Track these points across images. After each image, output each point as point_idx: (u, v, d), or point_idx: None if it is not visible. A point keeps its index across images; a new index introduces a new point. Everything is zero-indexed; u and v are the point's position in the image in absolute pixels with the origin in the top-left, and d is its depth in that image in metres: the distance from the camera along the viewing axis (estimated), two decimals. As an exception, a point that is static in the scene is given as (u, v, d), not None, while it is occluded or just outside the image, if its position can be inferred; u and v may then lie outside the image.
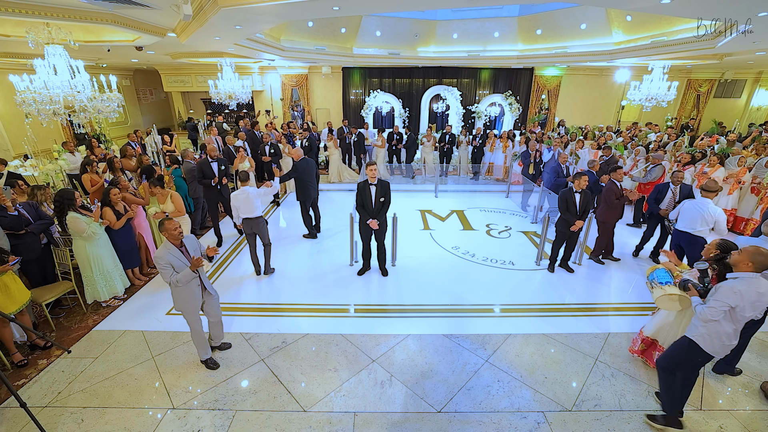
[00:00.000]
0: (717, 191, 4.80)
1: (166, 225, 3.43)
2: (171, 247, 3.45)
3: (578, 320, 4.70)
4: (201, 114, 15.88)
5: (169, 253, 3.42)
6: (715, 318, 2.73)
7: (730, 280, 2.73)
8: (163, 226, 3.43)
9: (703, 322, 2.81)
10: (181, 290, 3.52)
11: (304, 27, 10.80)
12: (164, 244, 3.47)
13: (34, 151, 8.82)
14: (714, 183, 4.80)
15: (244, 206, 5.18)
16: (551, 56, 11.66)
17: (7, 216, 4.32)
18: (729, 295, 2.67)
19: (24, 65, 8.47)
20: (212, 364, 3.88)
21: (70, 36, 5.08)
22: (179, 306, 3.64)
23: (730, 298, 2.67)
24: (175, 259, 3.43)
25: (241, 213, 5.23)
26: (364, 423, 3.28)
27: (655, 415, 3.26)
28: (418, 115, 14.40)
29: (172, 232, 3.43)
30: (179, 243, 3.51)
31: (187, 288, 3.53)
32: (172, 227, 3.43)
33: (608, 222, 5.78)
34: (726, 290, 2.69)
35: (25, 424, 3.17)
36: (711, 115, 14.57)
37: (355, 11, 5.75)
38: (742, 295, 2.63)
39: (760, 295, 2.64)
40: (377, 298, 5.12)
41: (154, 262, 3.44)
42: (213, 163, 6.41)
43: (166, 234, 3.44)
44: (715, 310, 2.72)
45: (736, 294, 2.65)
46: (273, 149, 8.55)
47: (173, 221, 3.48)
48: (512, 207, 8.78)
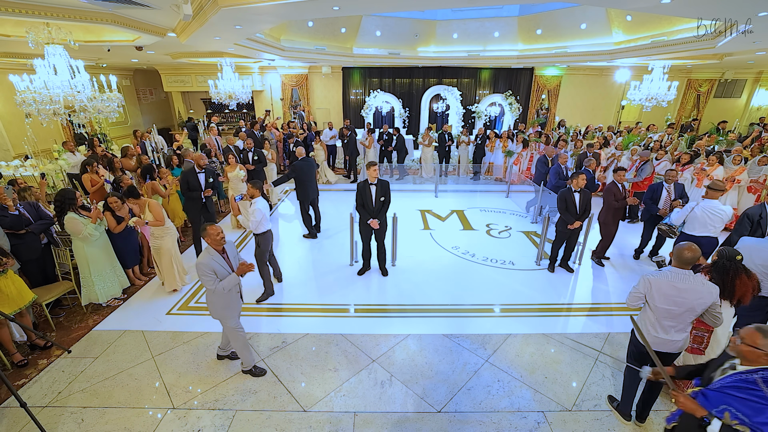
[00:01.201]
0: (723, 191, 4.80)
1: (208, 230, 3.28)
2: (214, 253, 3.31)
3: (578, 320, 4.70)
4: (201, 114, 15.87)
5: (212, 259, 3.27)
6: (633, 304, 2.93)
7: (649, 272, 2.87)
8: (205, 231, 3.28)
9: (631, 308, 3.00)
10: (222, 297, 3.38)
11: (304, 27, 10.79)
12: (207, 251, 3.31)
13: (34, 151, 8.81)
14: (720, 183, 4.81)
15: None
16: (551, 56, 11.66)
17: (8, 215, 4.33)
18: (641, 282, 2.85)
19: (24, 65, 8.47)
20: (260, 372, 3.77)
21: (70, 36, 5.08)
22: (219, 313, 3.49)
23: (640, 284, 2.85)
24: (218, 266, 3.29)
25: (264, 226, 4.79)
26: (364, 423, 3.28)
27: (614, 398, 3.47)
28: (418, 115, 14.39)
29: (215, 238, 3.28)
30: (221, 249, 3.37)
31: (229, 294, 3.41)
32: (215, 232, 3.28)
33: (609, 223, 5.75)
34: (641, 279, 2.86)
35: (25, 424, 3.17)
36: (711, 114, 14.57)
37: (355, 11, 5.74)
38: (651, 285, 2.76)
39: (678, 290, 2.68)
40: (377, 298, 5.13)
41: (197, 269, 3.26)
42: (200, 174, 5.84)
43: (209, 240, 3.29)
44: (631, 295, 2.92)
45: (646, 282, 2.80)
46: (257, 156, 7.75)
47: (216, 226, 3.32)
48: (512, 207, 8.78)
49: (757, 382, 1.90)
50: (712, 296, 2.65)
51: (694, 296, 2.66)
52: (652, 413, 3.30)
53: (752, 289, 2.98)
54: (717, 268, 3.04)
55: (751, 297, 2.99)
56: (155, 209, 4.90)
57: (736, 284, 2.95)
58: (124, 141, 12.47)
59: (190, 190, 5.71)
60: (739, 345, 2.02)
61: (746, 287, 2.95)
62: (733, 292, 2.97)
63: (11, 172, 7.77)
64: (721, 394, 1.97)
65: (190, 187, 5.71)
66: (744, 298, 2.97)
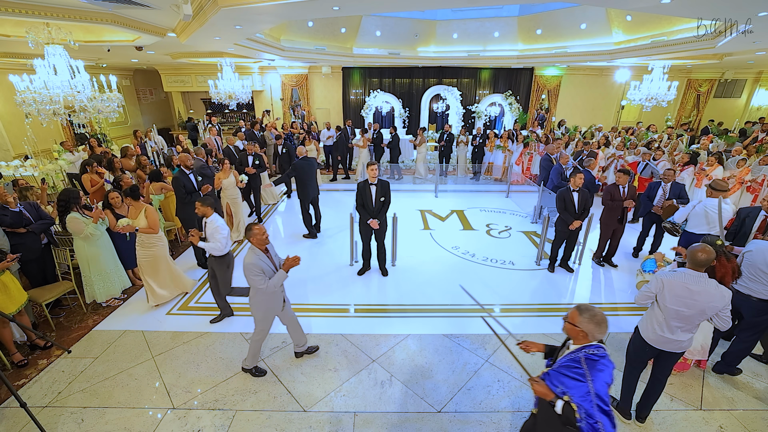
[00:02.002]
0: (725, 190, 4.79)
1: (254, 230, 3.30)
2: (259, 253, 3.33)
3: (578, 320, 4.70)
4: (201, 114, 15.87)
5: (259, 259, 3.29)
6: (642, 302, 2.91)
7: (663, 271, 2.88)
8: (250, 232, 3.30)
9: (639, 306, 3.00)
10: (268, 296, 3.42)
11: (304, 27, 10.80)
12: (252, 251, 3.32)
13: (34, 151, 8.82)
14: (723, 183, 4.81)
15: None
16: (551, 56, 11.66)
17: (9, 213, 4.33)
18: (653, 282, 2.82)
19: (24, 65, 8.47)
20: (260, 372, 3.79)
21: (70, 36, 5.08)
22: (261, 313, 3.52)
23: (652, 284, 2.82)
24: (265, 265, 3.33)
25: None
26: (364, 423, 3.28)
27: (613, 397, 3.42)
28: (418, 115, 14.40)
29: (260, 237, 3.31)
30: (265, 248, 3.40)
31: (274, 294, 3.45)
32: (261, 232, 3.31)
33: (607, 223, 5.73)
34: (653, 278, 2.84)
35: (25, 424, 3.17)
36: (711, 115, 14.58)
37: (355, 11, 5.75)
38: (664, 285, 2.73)
39: (691, 292, 2.66)
40: (377, 298, 5.12)
41: (245, 271, 3.27)
42: (190, 175, 5.70)
43: (254, 240, 3.31)
44: (642, 294, 2.89)
45: (658, 281, 2.77)
46: (257, 160, 7.57)
47: (261, 226, 3.34)
48: (512, 207, 8.78)
49: (581, 360, 2.00)
50: (724, 300, 2.65)
51: (707, 299, 2.65)
52: (653, 413, 3.30)
53: (732, 271, 3.24)
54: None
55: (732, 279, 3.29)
56: (152, 216, 4.66)
57: (715, 267, 3.18)
58: (124, 141, 12.47)
59: (188, 193, 5.56)
60: (564, 324, 2.12)
61: (725, 269, 3.21)
62: (713, 274, 3.14)
63: (11, 172, 7.78)
64: (557, 374, 2.06)
65: (187, 190, 5.55)
66: (724, 279, 3.19)
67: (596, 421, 1.84)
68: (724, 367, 3.77)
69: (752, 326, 3.56)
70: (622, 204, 5.53)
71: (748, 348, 3.66)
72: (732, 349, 3.71)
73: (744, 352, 3.68)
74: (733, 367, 3.76)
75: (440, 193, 9.70)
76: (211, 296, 5.16)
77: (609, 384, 1.93)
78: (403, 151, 11.89)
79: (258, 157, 7.62)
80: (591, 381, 1.91)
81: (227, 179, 6.39)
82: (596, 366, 1.95)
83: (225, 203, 6.61)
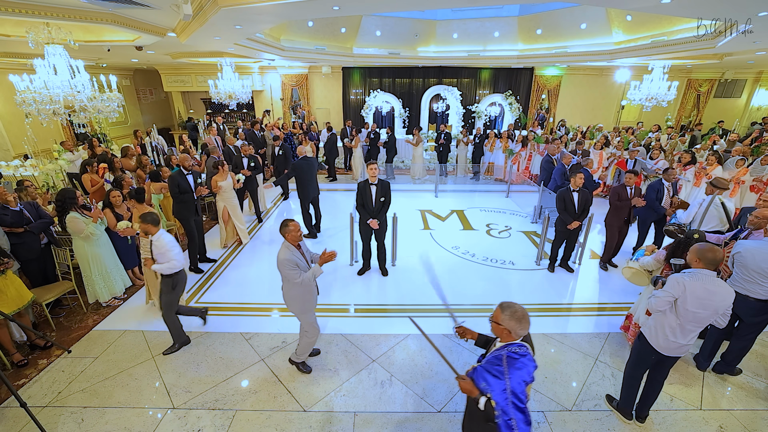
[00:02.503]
0: (725, 189, 4.81)
1: (289, 226, 3.31)
2: (292, 248, 3.35)
3: (578, 320, 4.70)
4: (201, 114, 15.87)
5: (293, 254, 3.32)
6: (661, 308, 2.75)
7: (679, 274, 2.74)
8: (286, 228, 3.31)
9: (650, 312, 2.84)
10: (304, 291, 3.44)
11: (304, 27, 10.79)
12: (286, 246, 3.34)
13: (34, 151, 8.82)
14: (724, 181, 4.83)
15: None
16: (551, 56, 11.66)
17: (9, 213, 4.33)
18: (674, 286, 2.69)
19: (24, 65, 8.47)
20: (306, 368, 3.82)
21: (70, 36, 5.07)
22: (299, 308, 3.53)
23: (674, 288, 2.68)
24: (298, 260, 3.35)
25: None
26: (364, 423, 3.28)
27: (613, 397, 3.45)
28: (418, 115, 14.39)
29: (294, 234, 3.32)
30: (297, 244, 3.41)
31: (310, 287, 3.48)
32: (295, 228, 3.33)
33: (612, 224, 5.64)
34: (672, 281, 2.71)
35: (25, 424, 3.17)
36: (711, 114, 14.58)
37: (355, 11, 5.74)
38: (686, 288, 2.63)
39: (709, 293, 2.62)
40: (377, 298, 5.13)
41: (280, 266, 3.29)
42: (188, 176, 5.59)
43: (289, 235, 3.32)
44: (661, 300, 2.73)
45: (680, 285, 2.65)
46: (253, 162, 7.42)
47: (296, 222, 3.35)
48: (512, 207, 8.78)
49: (502, 358, 2.04)
50: (732, 296, 2.65)
51: (720, 298, 2.64)
52: (652, 413, 3.30)
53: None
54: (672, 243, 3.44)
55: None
56: None
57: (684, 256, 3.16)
58: (124, 141, 12.47)
59: (182, 192, 5.43)
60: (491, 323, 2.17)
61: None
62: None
63: (11, 172, 7.78)
64: (482, 370, 2.09)
65: (181, 189, 5.43)
66: None
67: (510, 418, 1.91)
68: (724, 366, 3.78)
69: (751, 326, 3.56)
70: (630, 204, 5.47)
71: (747, 347, 3.66)
72: (731, 348, 3.72)
73: (743, 351, 3.68)
74: (733, 366, 3.77)
75: (440, 193, 9.70)
76: (211, 296, 5.18)
77: (527, 382, 1.96)
78: (399, 151, 11.86)
79: (253, 158, 7.51)
80: (508, 378, 1.95)
81: (225, 182, 6.22)
82: (515, 364, 1.99)
83: (222, 207, 6.35)
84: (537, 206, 7.84)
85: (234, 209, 6.46)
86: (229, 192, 6.34)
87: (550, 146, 8.26)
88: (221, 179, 6.18)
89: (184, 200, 5.45)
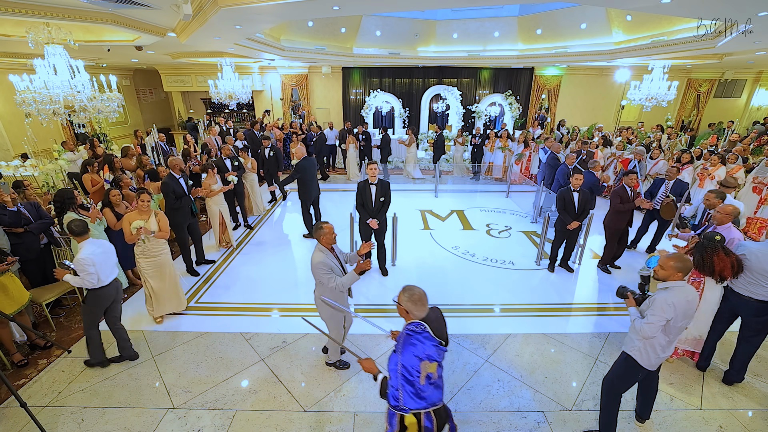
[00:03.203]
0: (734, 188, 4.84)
1: (324, 228, 3.23)
2: (326, 251, 3.28)
3: (578, 320, 4.70)
4: (201, 114, 15.88)
5: (326, 257, 3.25)
6: (654, 334, 2.63)
7: (663, 292, 2.63)
8: (321, 231, 3.23)
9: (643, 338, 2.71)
10: (335, 295, 3.36)
11: (304, 27, 10.79)
12: (320, 250, 3.26)
13: (34, 151, 8.83)
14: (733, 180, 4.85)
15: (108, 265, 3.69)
16: (551, 56, 11.66)
17: (7, 213, 4.33)
18: (665, 309, 2.57)
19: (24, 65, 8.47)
20: (344, 365, 3.83)
21: (70, 36, 5.07)
22: (329, 314, 3.45)
23: (666, 311, 2.57)
24: (333, 264, 3.28)
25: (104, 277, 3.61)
26: (364, 423, 3.28)
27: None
28: (418, 115, 14.40)
29: (329, 236, 3.25)
30: (331, 247, 3.34)
31: (342, 292, 3.41)
32: (330, 231, 3.24)
33: (612, 227, 5.56)
34: (661, 304, 2.59)
35: (25, 424, 3.17)
36: (711, 114, 14.59)
37: (355, 11, 5.75)
38: (675, 307, 2.56)
39: (688, 302, 2.60)
40: (377, 298, 5.12)
41: (314, 269, 3.23)
42: (180, 179, 5.42)
43: (324, 239, 3.24)
44: (654, 326, 2.61)
45: (671, 306, 2.56)
46: (236, 162, 7.09)
47: (331, 225, 3.28)
48: (512, 207, 8.78)
49: (402, 336, 2.20)
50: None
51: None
52: (653, 413, 3.30)
53: (732, 265, 3.22)
54: (697, 247, 3.38)
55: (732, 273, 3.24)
56: (164, 220, 4.40)
57: (714, 261, 3.23)
58: (124, 141, 12.47)
59: (177, 198, 5.30)
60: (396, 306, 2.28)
61: (724, 263, 3.22)
62: (713, 267, 3.25)
63: (11, 172, 7.79)
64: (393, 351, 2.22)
65: (176, 195, 5.29)
66: (723, 272, 3.22)
67: (396, 389, 2.09)
68: (734, 375, 3.69)
69: (756, 329, 3.50)
70: (633, 206, 5.41)
71: (752, 352, 3.61)
72: (739, 353, 3.65)
73: (750, 355, 3.63)
74: (743, 373, 3.69)
75: (440, 193, 9.70)
76: (211, 296, 5.18)
77: (420, 358, 2.06)
78: (394, 151, 11.83)
79: (236, 159, 7.18)
80: (401, 353, 2.09)
81: (217, 184, 6.11)
82: (410, 340, 2.11)
83: (217, 211, 6.19)
84: (537, 205, 7.84)
85: (226, 213, 6.36)
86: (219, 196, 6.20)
87: (555, 145, 8.22)
88: (213, 181, 6.07)
89: (180, 206, 5.33)
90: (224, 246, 6.55)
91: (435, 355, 2.10)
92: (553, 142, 8.41)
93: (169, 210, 5.34)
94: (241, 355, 4.05)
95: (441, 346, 2.18)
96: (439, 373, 2.18)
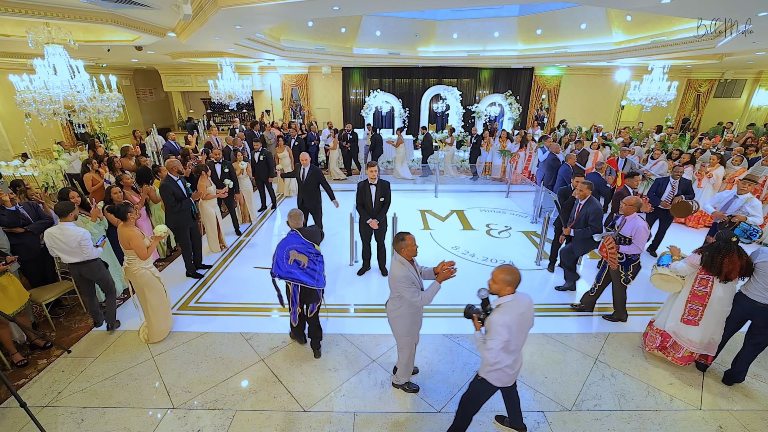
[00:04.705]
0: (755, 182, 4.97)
1: (407, 240, 3.01)
2: (407, 264, 3.04)
3: (578, 320, 4.70)
4: (201, 114, 15.89)
5: (408, 271, 3.02)
6: (498, 359, 2.58)
7: (496, 314, 2.56)
8: (403, 242, 3.01)
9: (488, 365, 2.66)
10: (414, 310, 3.16)
11: (304, 27, 10.80)
12: (400, 262, 3.03)
13: (34, 151, 8.83)
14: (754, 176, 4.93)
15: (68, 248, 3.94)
16: (551, 56, 11.67)
17: (5, 212, 4.32)
18: (500, 332, 2.51)
19: (24, 65, 8.48)
20: (411, 388, 3.59)
21: (69, 36, 5.08)
22: (406, 328, 3.25)
23: (502, 334, 2.51)
24: (414, 277, 3.06)
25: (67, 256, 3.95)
26: (364, 423, 3.28)
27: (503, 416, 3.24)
28: (418, 115, 14.41)
29: (411, 248, 3.02)
30: (411, 259, 3.11)
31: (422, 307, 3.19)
32: (412, 242, 3.02)
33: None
34: (496, 327, 2.52)
35: (25, 424, 3.17)
36: (711, 114, 14.60)
37: (355, 11, 5.75)
38: (510, 327, 2.50)
39: (522, 316, 2.54)
40: (377, 298, 5.12)
41: (396, 283, 3.02)
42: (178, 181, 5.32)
43: (405, 251, 3.02)
44: (494, 351, 2.54)
45: (505, 326, 2.50)
46: (227, 167, 6.65)
47: (412, 235, 3.05)
48: (512, 207, 8.78)
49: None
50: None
51: (529, 315, 2.63)
52: (653, 413, 3.30)
53: (740, 267, 3.25)
54: (711, 246, 3.39)
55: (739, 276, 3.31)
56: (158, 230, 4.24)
57: (724, 262, 3.28)
58: (124, 141, 12.48)
59: (178, 200, 5.21)
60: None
61: (734, 265, 3.27)
62: (720, 268, 3.31)
63: (11, 172, 7.79)
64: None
65: (176, 197, 5.21)
66: (730, 275, 3.29)
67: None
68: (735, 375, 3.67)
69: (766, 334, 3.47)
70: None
71: (757, 354, 3.59)
72: (743, 355, 3.62)
73: (754, 358, 3.61)
74: (744, 374, 3.68)
75: (440, 193, 9.70)
76: (210, 296, 5.18)
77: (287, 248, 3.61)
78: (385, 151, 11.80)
79: (227, 164, 6.71)
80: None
81: (210, 187, 5.95)
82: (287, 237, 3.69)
83: (213, 213, 6.10)
84: (537, 205, 7.84)
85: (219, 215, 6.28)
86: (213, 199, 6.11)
87: (554, 145, 8.23)
88: (208, 184, 5.91)
89: (181, 208, 5.24)
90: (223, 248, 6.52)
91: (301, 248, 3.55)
92: (552, 142, 8.41)
93: (171, 214, 5.30)
94: (241, 355, 4.05)
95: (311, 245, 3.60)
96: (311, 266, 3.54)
